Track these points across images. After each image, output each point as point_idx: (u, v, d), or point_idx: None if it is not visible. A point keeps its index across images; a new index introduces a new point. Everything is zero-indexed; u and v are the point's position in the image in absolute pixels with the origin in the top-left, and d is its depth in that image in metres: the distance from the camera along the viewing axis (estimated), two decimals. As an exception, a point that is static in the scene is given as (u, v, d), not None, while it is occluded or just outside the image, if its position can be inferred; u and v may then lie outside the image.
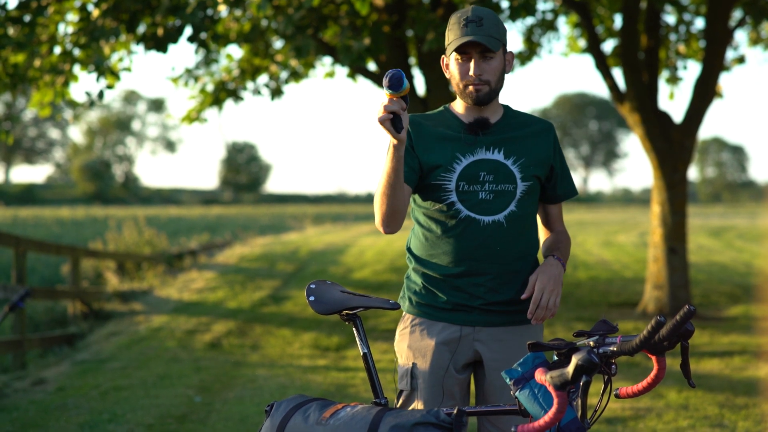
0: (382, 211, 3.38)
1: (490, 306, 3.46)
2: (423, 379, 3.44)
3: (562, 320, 11.72)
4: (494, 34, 3.36)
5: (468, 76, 3.39)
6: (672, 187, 12.02)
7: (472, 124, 3.48)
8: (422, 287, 3.52)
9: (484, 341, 3.47)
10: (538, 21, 14.04)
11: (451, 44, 3.39)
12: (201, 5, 9.11)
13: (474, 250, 3.44)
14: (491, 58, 3.38)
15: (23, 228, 25.89)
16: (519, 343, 3.49)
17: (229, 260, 18.49)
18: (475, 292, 3.45)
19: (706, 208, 61.01)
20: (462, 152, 3.44)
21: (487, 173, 3.44)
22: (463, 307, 3.45)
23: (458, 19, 3.40)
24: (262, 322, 11.99)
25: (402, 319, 3.58)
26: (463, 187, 3.43)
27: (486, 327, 3.47)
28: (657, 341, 2.57)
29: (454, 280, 3.45)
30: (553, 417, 2.51)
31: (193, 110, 13.68)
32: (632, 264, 18.63)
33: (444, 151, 3.44)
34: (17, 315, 9.83)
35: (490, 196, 3.44)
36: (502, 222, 3.45)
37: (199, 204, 70.53)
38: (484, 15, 3.37)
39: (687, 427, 6.75)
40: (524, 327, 3.53)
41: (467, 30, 3.34)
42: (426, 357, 3.45)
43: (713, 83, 12.05)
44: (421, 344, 3.47)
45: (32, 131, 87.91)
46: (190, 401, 7.77)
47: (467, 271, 3.44)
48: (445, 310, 3.47)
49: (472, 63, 3.37)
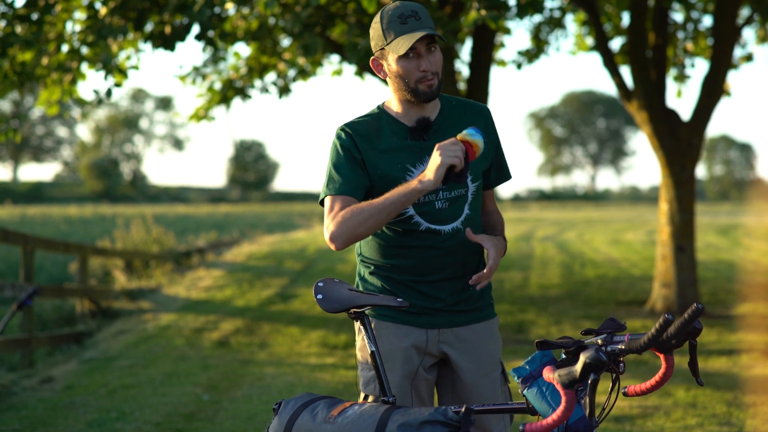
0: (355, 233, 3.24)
1: (453, 307, 3.47)
2: (393, 383, 3.42)
3: (569, 318, 11.72)
4: (432, 25, 3.32)
5: (419, 71, 3.32)
6: (680, 185, 12.00)
7: (416, 129, 3.42)
8: (382, 290, 3.49)
9: (449, 342, 3.48)
10: (546, 18, 14.02)
11: (395, 43, 3.29)
12: (208, 3, 9.12)
13: (436, 259, 3.43)
14: (435, 49, 3.34)
15: (31, 226, 25.94)
16: (481, 339, 3.51)
17: (237, 258, 18.51)
18: (439, 295, 3.45)
19: (714, 206, 60.94)
20: (411, 163, 3.39)
21: None
22: (427, 310, 3.45)
23: (392, 17, 3.31)
24: (269, 321, 12.00)
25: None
26: (419, 200, 3.35)
27: (449, 328, 3.47)
28: (665, 339, 2.57)
29: (417, 285, 3.45)
30: (561, 415, 2.51)
31: (201, 108, 13.68)
32: (640, 262, 18.61)
33: (394, 165, 3.38)
34: (25, 313, 9.84)
35: (446, 204, 3.41)
36: (460, 227, 3.44)
37: (207, 202, 70.65)
38: (417, 8, 3.32)
39: (695, 425, 6.74)
40: (483, 323, 3.54)
41: (410, 26, 3.28)
42: (395, 361, 3.44)
43: (721, 81, 12.03)
44: (390, 348, 3.45)
45: (40, 129, 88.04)
46: (198, 399, 7.77)
47: (431, 278, 3.44)
48: (410, 314, 3.46)
49: (421, 59, 3.31)
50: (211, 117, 13.82)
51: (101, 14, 9.64)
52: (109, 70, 10.10)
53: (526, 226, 32.03)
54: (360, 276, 3.59)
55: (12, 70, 10.32)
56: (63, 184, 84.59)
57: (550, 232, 27.73)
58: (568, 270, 17.21)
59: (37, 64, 10.42)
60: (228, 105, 13.58)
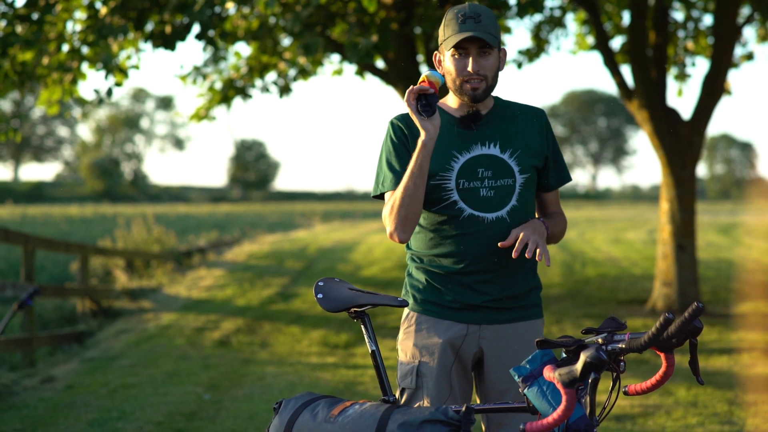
0: (402, 215, 3.36)
1: (495, 303, 3.46)
2: (430, 377, 3.43)
3: (570, 317, 11.72)
4: (492, 31, 3.36)
5: (466, 71, 3.38)
6: (681, 184, 12.00)
7: (465, 118, 3.47)
8: (426, 285, 3.51)
9: (488, 338, 3.47)
10: (546, 18, 14.01)
11: (448, 40, 3.38)
12: (209, 3, 9.12)
13: (479, 248, 3.43)
14: (489, 54, 3.38)
15: (32, 226, 25.93)
16: (522, 339, 3.49)
17: (238, 258, 18.52)
18: (481, 289, 3.45)
19: (714, 205, 60.95)
20: (458, 149, 3.45)
21: (485, 169, 3.44)
22: (468, 305, 3.45)
23: (455, 15, 3.39)
24: (270, 320, 12.00)
25: (406, 317, 3.56)
26: (463, 185, 3.43)
27: (491, 324, 3.47)
28: (666, 338, 2.57)
29: (460, 277, 3.45)
30: (562, 414, 2.51)
31: (202, 108, 13.69)
32: (641, 261, 18.61)
33: (440, 150, 3.43)
34: (26, 313, 9.85)
35: (491, 192, 3.43)
36: (505, 218, 3.45)
37: (207, 201, 70.61)
38: (482, 12, 3.37)
39: (696, 424, 6.74)
40: (527, 323, 3.52)
41: (465, 26, 3.34)
42: (433, 355, 3.44)
43: (722, 80, 12.02)
44: (428, 342, 3.46)
45: (41, 129, 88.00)
46: (199, 399, 7.78)
47: (473, 269, 3.44)
48: (451, 309, 3.46)
49: (470, 59, 3.37)
50: (212, 116, 13.83)
51: (102, 14, 9.64)
52: (109, 69, 10.10)
53: (527, 225, 31.95)
54: (407, 273, 3.62)
55: (12, 70, 10.33)
56: (64, 183, 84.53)
57: (550, 231, 27.70)
58: (569, 269, 17.21)
59: (38, 64, 10.43)
60: (229, 104, 13.59)
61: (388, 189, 3.46)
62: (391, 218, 3.38)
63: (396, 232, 3.38)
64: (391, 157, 3.49)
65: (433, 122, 3.29)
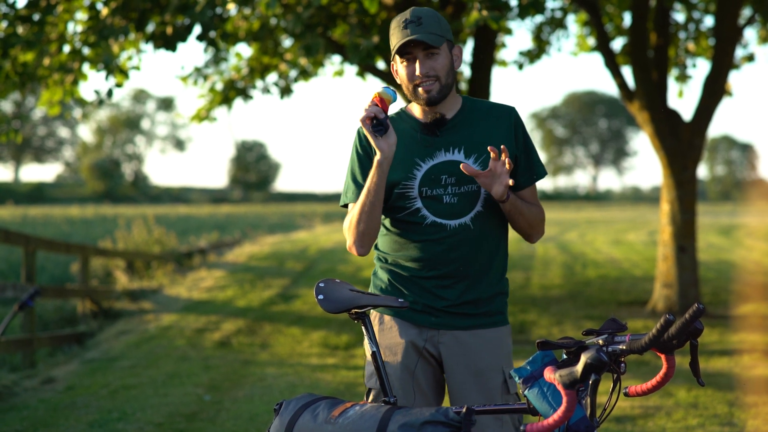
0: (360, 230, 3.41)
1: (455, 308, 3.45)
2: (394, 376, 3.45)
3: (571, 319, 11.72)
4: (435, 30, 3.34)
5: (415, 76, 3.38)
6: (681, 186, 12.01)
7: (429, 124, 3.46)
8: (389, 285, 3.53)
9: (446, 344, 3.47)
10: (547, 19, 14.02)
11: (394, 48, 3.38)
12: (210, 4, 9.12)
13: (441, 254, 3.44)
14: (436, 54, 3.37)
15: (33, 227, 25.93)
16: (483, 347, 3.47)
17: (239, 259, 18.51)
18: (442, 294, 3.46)
19: (715, 207, 60.90)
20: (421, 157, 3.44)
21: (449, 176, 3.42)
22: (429, 308, 3.46)
23: (398, 22, 3.39)
24: (271, 321, 12.00)
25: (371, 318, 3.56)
26: (426, 193, 3.43)
27: (450, 330, 3.47)
28: (666, 340, 2.57)
29: (422, 281, 3.46)
30: (563, 415, 2.51)
31: (203, 109, 13.69)
32: (641, 262, 18.60)
33: (403, 159, 3.43)
34: (27, 314, 9.85)
35: (455, 199, 3.43)
36: (469, 224, 3.44)
37: (208, 202, 70.58)
38: (422, 14, 3.36)
39: (696, 425, 6.74)
40: (490, 330, 3.50)
41: (407, 31, 3.34)
42: (397, 355, 3.46)
43: (722, 81, 12.03)
44: (391, 342, 3.48)
45: (41, 130, 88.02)
46: (200, 400, 7.78)
47: (435, 274, 3.45)
48: (413, 311, 3.47)
49: (417, 63, 3.37)
50: (213, 117, 13.84)
51: (103, 15, 9.64)
52: (110, 70, 10.10)
53: (528, 226, 31.93)
54: (374, 272, 3.63)
55: (13, 71, 10.33)
56: (64, 184, 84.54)
57: (551, 233, 27.70)
58: (570, 270, 17.20)
59: (39, 65, 10.43)
60: (229, 105, 13.59)
61: (351, 201, 3.50)
62: (350, 233, 3.44)
63: (355, 246, 3.44)
64: (355, 167, 3.53)
65: (388, 140, 3.30)
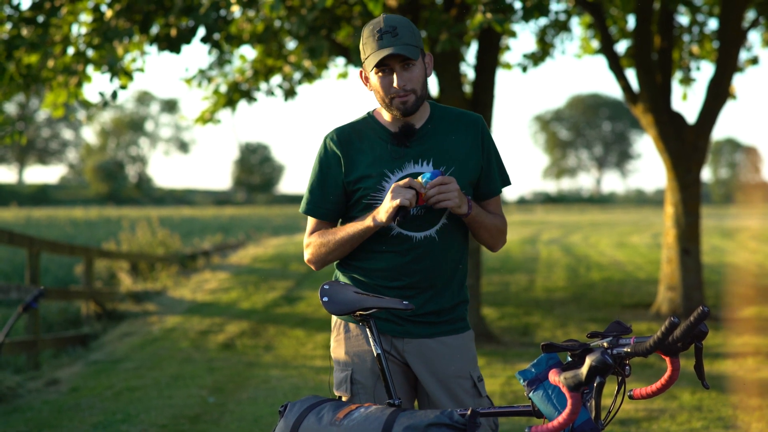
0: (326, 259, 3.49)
1: (419, 317, 3.44)
2: (364, 383, 3.44)
3: (575, 321, 11.71)
4: (411, 41, 3.30)
5: (393, 89, 3.33)
6: (685, 188, 12.00)
7: (398, 135, 3.43)
8: None
9: (411, 352, 3.45)
10: (551, 22, 14.01)
11: (369, 59, 3.32)
12: (214, 6, 9.13)
13: (406, 266, 3.43)
14: (413, 66, 3.32)
15: (37, 228, 25.95)
16: (448, 352, 3.46)
17: (243, 261, 18.52)
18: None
19: (719, 209, 60.85)
20: (390, 169, 3.40)
21: None
22: (394, 317, 3.45)
23: (371, 31, 3.33)
24: (275, 323, 12.00)
25: (335, 326, 3.55)
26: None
27: (414, 338, 3.45)
28: (671, 342, 2.57)
29: (386, 291, 3.44)
30: (567, 418, 2.51)
31: (207, 111, 13.69)
32: (646, 265, 18.60)
33: (372, 168, 3.41)
34: (31, 315, 9.86)
35: (422, 211, 3.40)
36: (434, 237, 3.43)
37: (212, 204, 70.59)
38: (397, 23, 3.31)
39: (700, 428, 6.74)
40: (454, 337, 3.50)
41: (383, 42, 3.28)
42: (365, 362, 3.44)
43: (726, 84, 12.02)
44: (359, 350, 3.46)
45: (46, 132, 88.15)
46: (204, 402, 7.78)
47: (399, 284, 3.44)
48: (378, 319, 3.44)
49: (394, 75, 3.32)
50: (217, 120, 13.83)
51: (107, 17, 9.65)
52: (114, 72, 10.10)
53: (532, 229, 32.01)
54: (334, 277, 3.61)
55: (18, 73, 10.34)
56: (68, 186, 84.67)
57: (555, 235, 27.71)
58: (574, 273, 17.20)
59: (43, 67, 10.44)
60: (233, 108, 13.58)
61: (309, 214, 3.51)
62: (313, 253, 3.50)
63: (314, 264, 3.52)
64: (315, 180, 3.49)
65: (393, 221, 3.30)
